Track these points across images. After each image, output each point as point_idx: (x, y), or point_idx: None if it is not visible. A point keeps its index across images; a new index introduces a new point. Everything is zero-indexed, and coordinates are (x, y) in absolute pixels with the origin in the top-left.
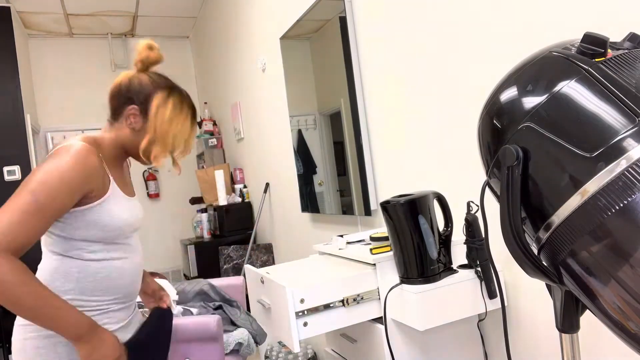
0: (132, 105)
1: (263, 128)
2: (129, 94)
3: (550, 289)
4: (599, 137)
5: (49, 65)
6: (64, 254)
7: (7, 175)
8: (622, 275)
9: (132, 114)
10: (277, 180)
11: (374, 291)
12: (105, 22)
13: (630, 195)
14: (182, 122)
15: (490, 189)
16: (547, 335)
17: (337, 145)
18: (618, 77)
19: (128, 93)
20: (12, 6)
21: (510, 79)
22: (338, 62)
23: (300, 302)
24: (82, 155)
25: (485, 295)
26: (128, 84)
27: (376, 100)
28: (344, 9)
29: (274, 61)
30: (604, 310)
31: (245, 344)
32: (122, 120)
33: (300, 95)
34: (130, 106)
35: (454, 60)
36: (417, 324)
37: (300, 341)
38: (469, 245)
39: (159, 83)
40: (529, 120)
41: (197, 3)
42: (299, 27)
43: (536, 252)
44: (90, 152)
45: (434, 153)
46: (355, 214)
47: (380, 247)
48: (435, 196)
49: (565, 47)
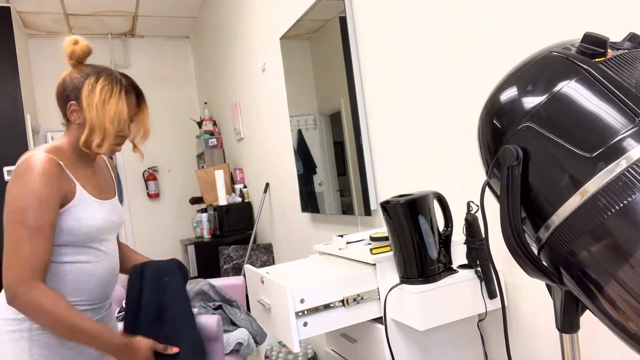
0: (71, 102)
1: (263, 128)
2: (66, 92)
3: (550, 289)
4: (599, 137)
5: (49, 65)
6: None
7: (7, 176)
8: (622, 275)
9: (73, 111)
10: (277, 180)
11: (374, 291)
12: (105, 22)
13: (630, 195)
14: (116, 102)
15: (490, 189)
16: (547, 335)
17: (337, 145)
18: (618, 77)
19: (65, 92)
20: (12, 6)
21: (511, 79)
22: (338, 62)
23: (300, 302)
24: (43, 167)
25: (485, 295)
26: (63, 83)
27: (376, 100)
28: (344, 9)
29: (274, 61)
30: (604, 310)
31: (245, 344)
32: (70, 120)
33: (300, 95)
34: (69, 103)
35: (454, 60)
36: (417, 324)
37: (300, 341)
38: (469, 245)
39: (88, 72)
40: (529, 120)
41: (197, 3)
42: (299, 27)
43: (536, 252)
44: (49, 162)
45: (433, 153)
46: (355, 214)
47: (380, 247)
48: (435, 196)
49: (565, 47)
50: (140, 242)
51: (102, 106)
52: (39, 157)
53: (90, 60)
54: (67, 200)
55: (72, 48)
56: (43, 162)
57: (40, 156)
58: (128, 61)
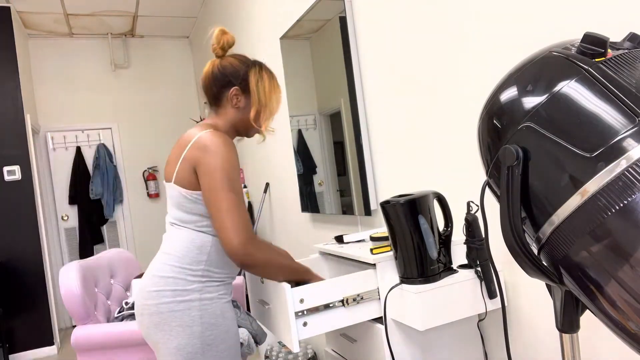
0: (234, 87)
1: None
2: (227, 78)
3: (550, 289)
4: (599, 137)
5: (49, 65)
6: (199, 229)
7: (7, 175)
8: (622, 275)
9: (235, 95)
10: (277, 180)
11: (374, 291)
12: (105, 22)
13: (630, 195)
14: (276, 89)
15: (490, 189)
16: (547, 335)
17: (337, 145)
18: (618, 77)
19: (225, 78)
20: (12, 6)
21: (511, 79)
22: (338, 62)
23: (300, 302)
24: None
25: (485, 295)
26: (222, 70)
27: (376, 100)
28: (344, 9)
29: (274, 61)
30: (604, 310)
31: (245, 343)
32: (225, 103)
33: (300, 95)
34: (232, 88)
35: (454, 59)
36: (417, 324)
37: (300, 341)
38: (469, 245)
39: (247, 62)
40: (529, 120)
41: (197, 3)
42: (299, 27)
43: (536, 252)
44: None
45: (434, 153)
46: (355, 214)
47: (380, 247)
48: (435, 196)
49: (565, 47)
50: (140, 242)
51: (270, 91)
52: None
53: (90, 60)
54: None
55: (223, 38)
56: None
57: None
58: (128, 61)
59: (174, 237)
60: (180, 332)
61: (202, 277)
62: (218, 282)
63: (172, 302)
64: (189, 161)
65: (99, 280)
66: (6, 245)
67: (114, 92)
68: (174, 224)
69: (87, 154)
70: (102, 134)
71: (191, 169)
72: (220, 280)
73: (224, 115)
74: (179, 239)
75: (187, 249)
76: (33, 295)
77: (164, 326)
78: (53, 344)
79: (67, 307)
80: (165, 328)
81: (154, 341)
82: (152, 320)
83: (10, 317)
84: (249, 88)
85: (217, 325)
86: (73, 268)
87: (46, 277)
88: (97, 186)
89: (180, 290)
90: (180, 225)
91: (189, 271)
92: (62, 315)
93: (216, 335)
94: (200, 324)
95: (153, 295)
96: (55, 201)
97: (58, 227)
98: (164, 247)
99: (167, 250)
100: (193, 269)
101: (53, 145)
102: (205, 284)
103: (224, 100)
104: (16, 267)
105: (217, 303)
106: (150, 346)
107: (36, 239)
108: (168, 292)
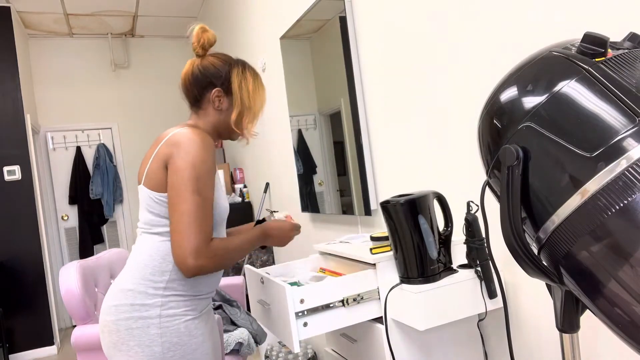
0: (215, 89)
1: (263, 128)
2: (208, 79)
3: (550, 289)
4: (599, 137)
5: (49, 65)
6: (166, 236)
7: (7, 175)
8: (622, 275)
9: (217, 97)
10: (277, 180)
11: (374, 291)
12: (105, 22)
13: (630, 195)
14: (260, 90)
15: (490, 189)
16: (547, 335)
17: (337, 145)
18: (618, 77)
19: (206, 78)
20: (12, 6)
21: (511, 79)
22: (338, 62)
23: (300, 302)
24: (208, 141)
25: (485, 295)
26: (202, 70)
27: (376, 100)
28: (344, 9)
29: (274, 61)
30: (604, 310)
31: (245, 343)
32: (206, 105)
33: (300, 95)
34: (214, 90)
35: (455, 60)
36: (417, 323)
37: (300, 341)
38: (469, 245)
39: (229, 61)
40: (529, 120)
41: (197, 3)
42: (299, 27)
43: (536, 252)
44: (209, 137)
45: (434, 153)
46: (355, 214)
47: (380, 247)
48: (435, 196)
49: (565, 46)
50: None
51: (254, 93)
52: (197, 132)
53: (90, 60)
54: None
55: (203, 36)
56: (206, 136)
57: (198, 131)
58: (128, 61)
59: (139, 245)
60: (138, 353)
61: (164, 290)
62: (185, 297)
63: (129, 319)
64: (161, 158)
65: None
66: (6, 245)
67: (114, 92)
68: (142, 230)
69: (87, 154)
70: (102, 134)
71: (162, 167)
72: (189, 295)
73: (205, 117)
74: (144, 245)
75: (150, 258)
76: (33, 295)
77: (121, 346)
78: (53, 344)
79: (67, 307)
80: (123, 348)
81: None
82: (111, 339)
83: (10, 317)
84: (231, 89)
85: (181, 344)
86: (73, 268)
87: (46, 277)
88: (97, 186)
89: (139, 305)
90: (147, 231)
91: (151, 283)
92: (62, 315)
93: (181, 356)
94: (161, 344)
95: (112, 310)
96: (55, 201)
97: (58, 227)
98: (130, 256)
99: (130, 259)
100: (155, 280)
101: (53, 145)
102: (169, 298)
103: (205, 102)
104: (16, 267)
105: (180, 320)
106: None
107: (36, 239)
108: (126, 307)
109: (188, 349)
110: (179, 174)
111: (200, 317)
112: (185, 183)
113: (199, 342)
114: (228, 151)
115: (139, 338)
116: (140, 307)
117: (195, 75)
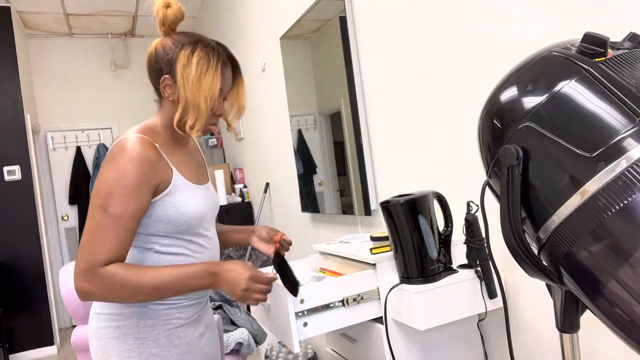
0: (164, 76)
1: (263, 128)
2: (158, 64)
3: (550, 289)
4: (599, 137)
5: (49, 65)
6: (142, 246)
7: (7, 175)
8: (622, 275)
9: (166, 86)
10: (277, 180)
11: (374, 291)
12: (105, 22)
13: (630, 195)
14: (212, 77)
15: (490, 189)
16: (547, 335)
17: (337, 145)
18: (618, 77)
19: (157, 64)
20: (12, 6)
21: (511, 79)
22: (338, 62)
23: (300, 302)
24: (137, 150)
25: (485, 295)
26: (155, 54)
27: (376, 100)
28: (344, 9)
29: (274, 61)
30: (604, 310)
31: (245, 343)
32: (162, 96)
33: (300, 95)
34: (162, 77)
35: (454, 59)
36: (417, 323)
37: (300, 341)
38: (469, 245)
39: (183, 42)
40: (529, 120)
41: (197, 3)
42: (299, 27)
43: (536, 252)
44: (145, 145)
45: (434, 153)
46: (355, 214)
47: (380, 247)
48: (435, 196)
49: (565, 46)
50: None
51: (197, 82)
52: (133, 139)
53: (90, 60)
54: (163, 187)
55: (164, 12)
56: (138, 145)
57: (135, 138)
58: (128, 61)
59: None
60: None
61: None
62: (166, 306)
63: (108, 328)
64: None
65: None
66: (6, 245)
67: (114, 92)
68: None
69: (87, 154)
70: (102, 134)
71: None
72: (170, 303)
73: (163, 110)
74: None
75: None
76: (33, 295)
77: (102, 354)
78: (53, 344)
79: (67, 307)
80: (104, 357)
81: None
82: (93, 346)
83: (10, 317)
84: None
85: (161, 355)
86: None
87: (46, 277)
88: None
89: (117, 314)
90: None
91: None
92: (62, 315)
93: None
94: (139, 355)
95: (95, 317)
96: (55, 201)
97: (58, 227)
98: None
99: None
100: None
101: (53, 145)
102: (147, 307)
103: (160, 92)
104: (16, 267)
105: (161, 330)
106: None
107: (36, 239)
108: (106, 316)
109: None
110: (97, 186)
111: (188, 324)
112: (94, 196)
113: (182, 352)
114: (228, 151)
115: (118, 348)
116: (117, 316)
117: (149, 60)
